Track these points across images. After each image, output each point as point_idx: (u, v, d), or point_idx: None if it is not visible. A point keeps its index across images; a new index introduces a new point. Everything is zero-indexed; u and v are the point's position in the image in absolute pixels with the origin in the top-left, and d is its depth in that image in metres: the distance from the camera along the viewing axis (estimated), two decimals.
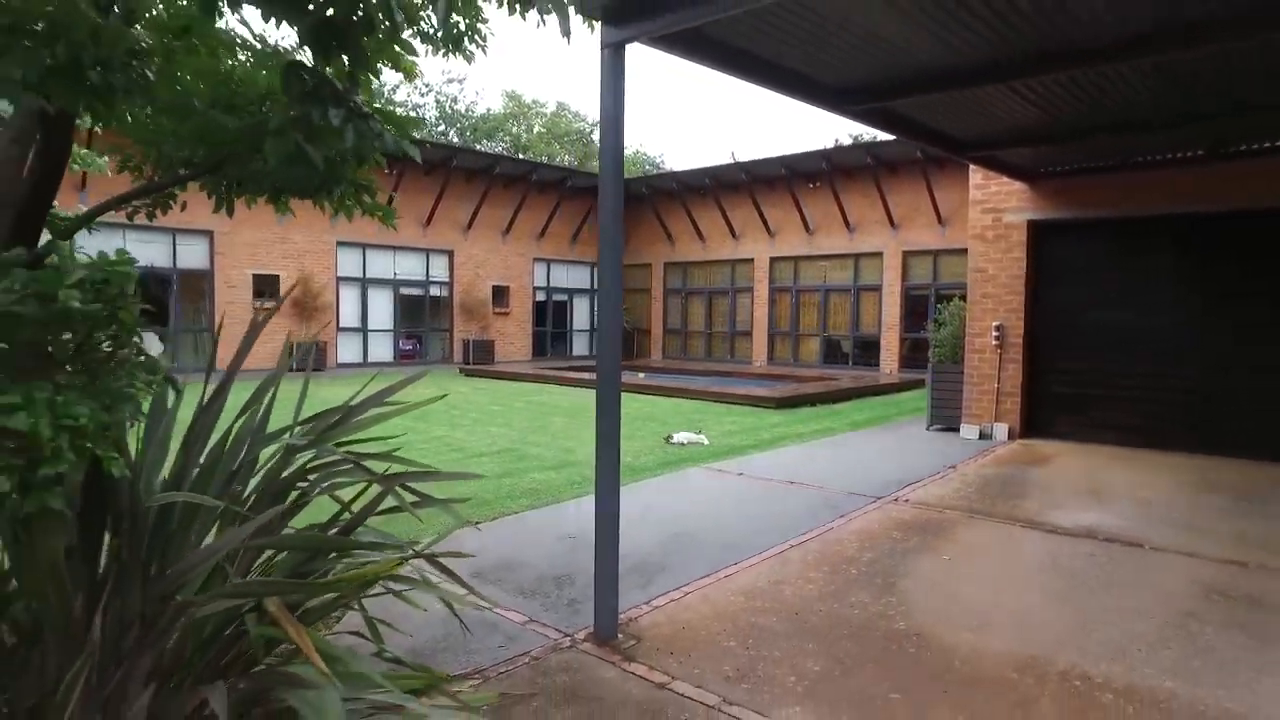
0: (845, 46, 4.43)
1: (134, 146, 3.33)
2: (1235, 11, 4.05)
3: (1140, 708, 2.93)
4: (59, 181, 3.02)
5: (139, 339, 1.77)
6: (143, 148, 3.32)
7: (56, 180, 3.00)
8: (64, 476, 1.47)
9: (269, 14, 1.66)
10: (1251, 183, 7.37)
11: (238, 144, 3.05)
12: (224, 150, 3.13)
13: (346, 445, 2.55)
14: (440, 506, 2.44)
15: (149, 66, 2.54)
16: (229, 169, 3.29)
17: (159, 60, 2.59)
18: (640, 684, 3.12)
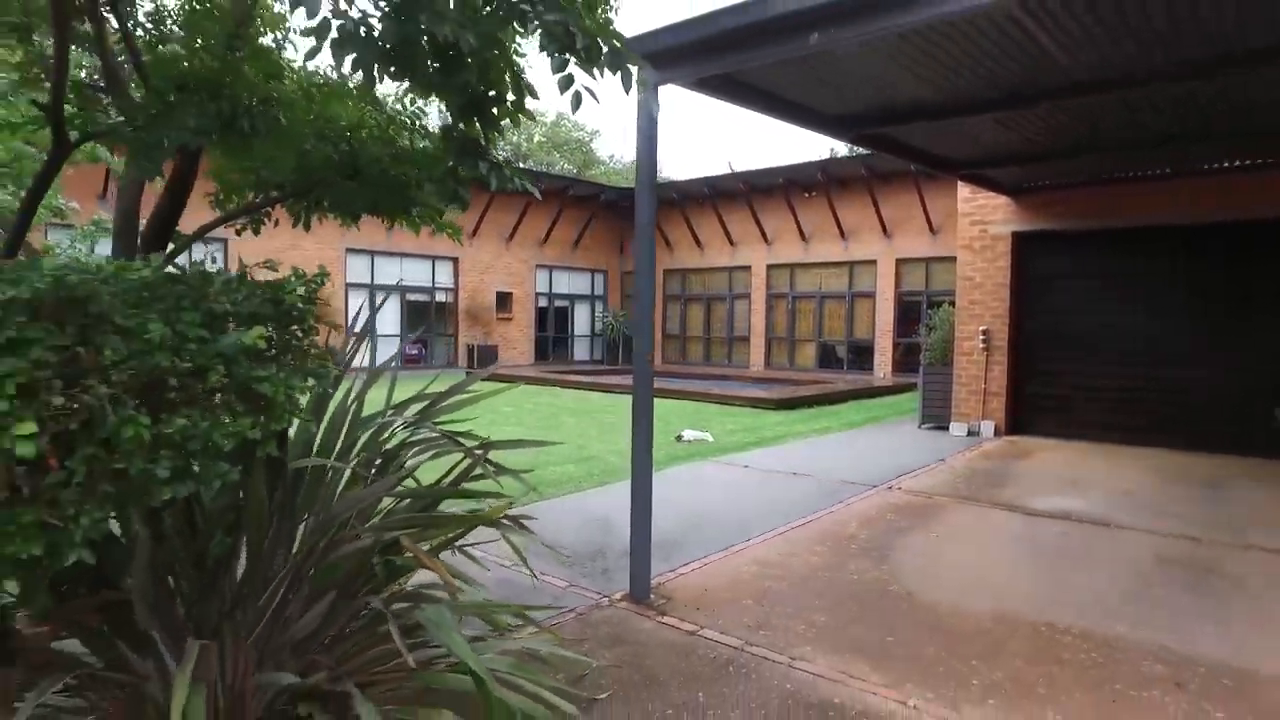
0: (853, 86, 5.02)
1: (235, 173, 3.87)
2: (1193, 59, 4.63)
3: (1094, 646, 3.49)
4: (185, 201, 3.58)
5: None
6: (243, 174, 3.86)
7: (184, 200, 3.57)
8: (285, 432, 2.01)
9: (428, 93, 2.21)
10: (1210, 198, 7.99)
11: (330, 171, 3.62)
12: (315, 176, 3.69)
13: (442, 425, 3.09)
14: (513, 475, 2.99)
15: (279, 112, 3.12)
16: (318, 192, 3.85)
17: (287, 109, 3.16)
18: (673, 632, 3.67)
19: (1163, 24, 4.11)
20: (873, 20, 3.13)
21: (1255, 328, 7.99)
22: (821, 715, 2.91)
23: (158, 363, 1.72)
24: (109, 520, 1.85)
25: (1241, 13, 3.96)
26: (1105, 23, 3.98)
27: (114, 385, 1.66)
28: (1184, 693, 3.08)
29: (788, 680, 3.19)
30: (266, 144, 3.11)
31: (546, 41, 1.92)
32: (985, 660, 3.37)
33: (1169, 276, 8.64)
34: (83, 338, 1.65)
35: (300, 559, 2.32)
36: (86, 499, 1.68)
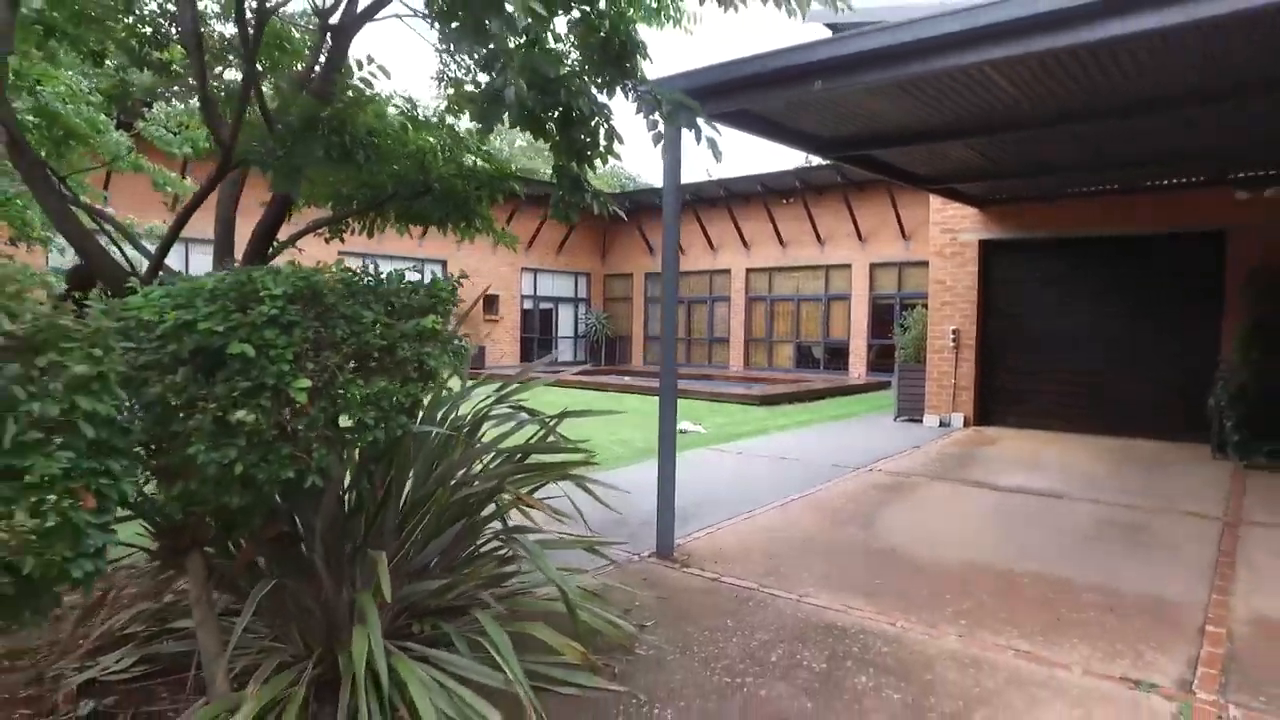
0: (845, 117, 5.76)
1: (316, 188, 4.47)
2: (1119, 104, 5.45)
3: (1045, 584, 4.26)
4: (285, 216, 4.20)
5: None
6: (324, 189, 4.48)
7: (284, 214, 4.19)
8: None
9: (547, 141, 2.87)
10: (1148, 212, 8.91)
11: (408, 188, 4.27)
12: (391, 192, 4.34)
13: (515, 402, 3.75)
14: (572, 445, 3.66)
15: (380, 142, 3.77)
16: (389, 206, 4.50)
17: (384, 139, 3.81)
18: (698, 579, 4.36)
19: (1097, 76, 4.92)
20: (867, 73, 3.85)
21: (1190, 328, 8.92)
22: (828, 633, 3.62)
23: (368, 340, 2.37)
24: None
25: (1152, 74, 4.81)
26: (1052, 74, 4.77)
27: (342, 356, 2.31)
28: (1112, 614, 3.85)
29: (798, 610, 3.90)
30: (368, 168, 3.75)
31: (641, 105, 2.61)
32: (956, 595, 4.11)
33: (1115, 282, 9.54)
34: (322, 322, 2.29)
35: (433, 498, 2.97)
36: (319, 441, 2.33)
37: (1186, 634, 3.62)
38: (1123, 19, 3.33)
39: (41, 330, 1.76)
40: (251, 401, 2.13)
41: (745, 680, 3.16)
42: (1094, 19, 3.38)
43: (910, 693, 3.05)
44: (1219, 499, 6.24)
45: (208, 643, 2.80)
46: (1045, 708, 2.94)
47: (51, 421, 1.74)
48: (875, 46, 3.83)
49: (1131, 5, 3.27)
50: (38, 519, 1.74)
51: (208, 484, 2.21)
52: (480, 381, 3.76)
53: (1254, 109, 5.46)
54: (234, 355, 2.10)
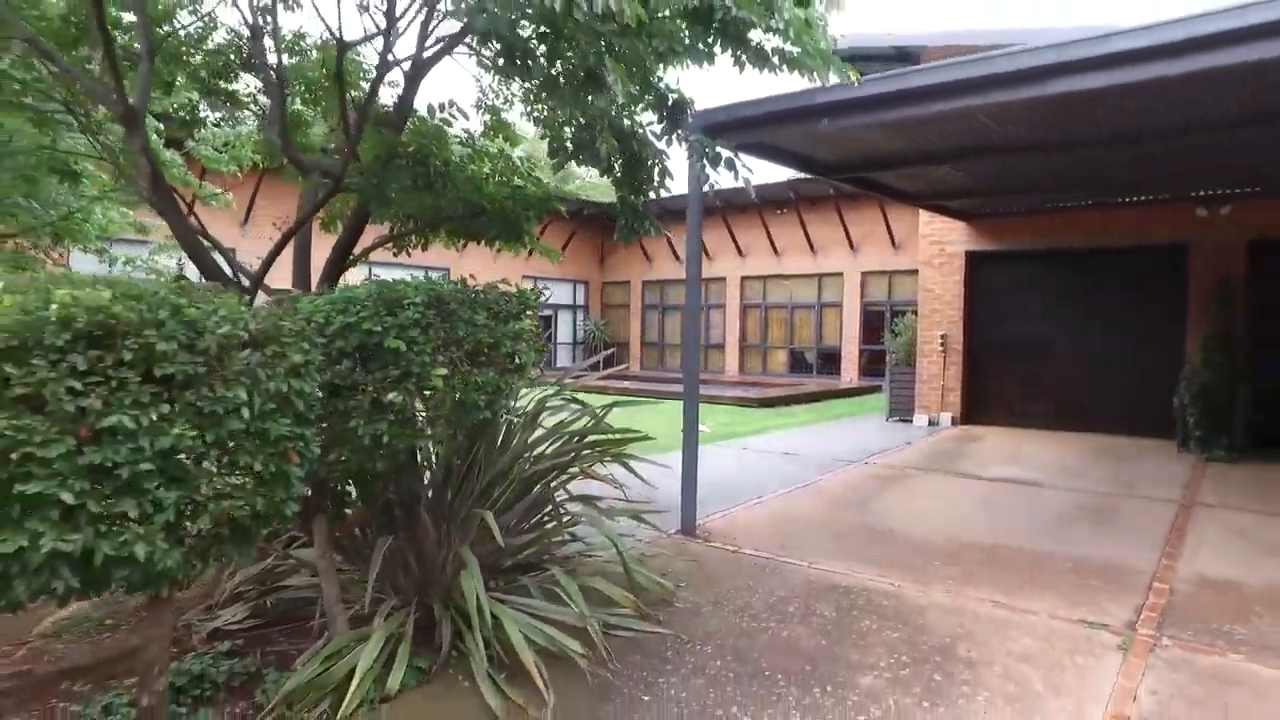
0: (845, 146, 6.44)
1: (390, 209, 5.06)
2: (1103, 134, 6.13)
3: (1022, 555, 4.91)
4: (359, 236, 4.80)
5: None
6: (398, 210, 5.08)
7: (358, 235, 4.79)
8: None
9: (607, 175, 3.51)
10: (1120, 226, 9.65)
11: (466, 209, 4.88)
12: (446, 213, 4.95)
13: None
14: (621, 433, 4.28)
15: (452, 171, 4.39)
16: (446, 224, 5.11)
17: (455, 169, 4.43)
18: (720, 551, 4.99)
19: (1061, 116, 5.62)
20: (868, 114, 4.51)
21: (1157, 333, 9.64)
22: (835, 591, 4.25)
23: (480, 339, 2.99)
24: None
25: (1108, 115, 5.52)
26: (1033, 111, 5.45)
27: (463, 351, 2.93)
28: (1076, 576, 4.51)
29: (808, 574, 4.53)
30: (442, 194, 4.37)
31: (690, 152, 3.25)
32: (945, 564, 4.76)
33: (1092, 291, 10.26)
34: (448, 324, 2.92)
35: (512, 470, 3.59)
36: (437, 421, 2.94)
37: (1137, 590, 4.27)
38: (1074, 77, 4.01)
39: (270, 329, 2.38)
40: (400, 386, 2.75)
41: (769, 625, 3.79)
42: (1046, 78, 4.07)
43: (906, 631, 3.69)
44: (1178, 486, 6.93)
45: (330, 591, 3.41)
46: (1014, 641, 3.58)
47: (279, 396, 2.36)
48: (873, 93, 4.50)
49: (1080, 67, 3.94)
50: (264, 469, 2.36)
51: (359, 452, 2.82)
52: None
53: (1200, 142, 6.16)
54: (387, 349, 2.72)
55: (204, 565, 2.36)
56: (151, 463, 2.06)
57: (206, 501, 2.22)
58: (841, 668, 3.34)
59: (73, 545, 1.94)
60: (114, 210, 8.03)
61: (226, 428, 2.21)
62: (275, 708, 2.94)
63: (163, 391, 2.10)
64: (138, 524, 2.07)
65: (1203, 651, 3.49)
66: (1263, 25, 3.69)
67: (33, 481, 1.88)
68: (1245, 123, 5.40)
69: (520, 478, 3.75)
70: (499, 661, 3.17)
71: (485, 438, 3.53)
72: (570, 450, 3.85)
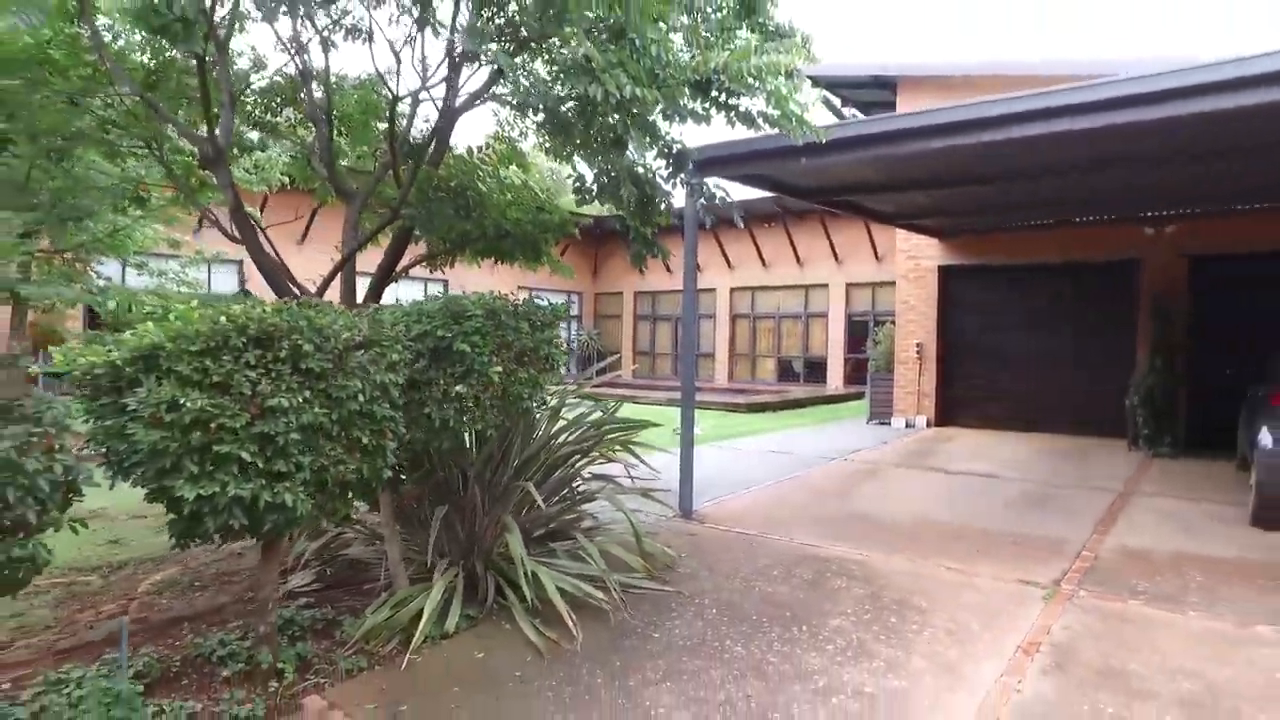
0: (826, 176, 7.23)
1: None
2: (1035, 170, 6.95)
3: (975, 533, 5.67)
4: (400, 257, 5.51)
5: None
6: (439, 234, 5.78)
7: (399, 257, 5.50)
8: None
9: (620, 209, 4.25)
10: (1076, 243, 10.50)
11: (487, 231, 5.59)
12: (473, 235, 5.66)
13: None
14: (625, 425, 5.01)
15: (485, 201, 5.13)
16: (473, 245, 5.83)
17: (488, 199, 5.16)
18: (714, 530, 5.72)
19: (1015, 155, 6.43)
20: (842, 153, 5.28)
21: (1108, 341, 10.49)
22: (813, 559, 4.99)
23: (525, 343, 3.72)
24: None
25: (1056, 152, 6.33)
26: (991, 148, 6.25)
27: (513, 353, 3.66)
28: (1018, 548, 5.27)
29: (790, 547, 5.27)
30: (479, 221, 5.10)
31: (689, 192, 4.00)
32: (908, 540, 5.51)
33: (1055, 302, 11.11)
34: (500, 331, 3.64)
35: (541, 453, 4.31)
36: (490, 411, 3.67)
37: (1067, 557, 5.04)
38: (1022, 125, 4.81)
39: (374, 334, 3.10)
40: (465, 380, 3.47)
41: (757, 584, 4.53)
42: (1000, 125, 4.86)
43: (871, 589, 4.44)
44: (1121, 478, 7.74)
45: (393, 552, 4.12)
46: (960, 595, 4.34)
47: (380, 386, 3.08)
48: (846, 135, 5.28)
49: (1025, 118, 4.74)
50: (369, 442, 3.07)
51: (430, 433, 3.54)
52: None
53: (1140, 171, 7.00)
54: (456, 350, 3.44)
55: (322, 516, 3.07)
56: (297, 434, 2.77)
57: (330, 465, 2.93)
58: (815, 614, 4.07)
59: (245, 492, 2.65)
60: (149, 228, 8.72)
61: (346, 409, 2.93)
62: (356, 642, 3.64)
63: (305, 381, 2.82)
64: (286, 480, 2.78)
65: (1109, 600, 4.25)
66: (1172, 89, 4.47)
67: (223, 444, 2.59)
68: (1168, 160, 6.24)
69: (548, 460, 4.47)
70: (534, 610, 3.87)
71: (520, 426, 4.25)
72: (589, 438, 4.58)
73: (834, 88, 13.06)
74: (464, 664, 3.50)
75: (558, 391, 4.98)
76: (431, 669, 3.45)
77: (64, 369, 2.69)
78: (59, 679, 3.00)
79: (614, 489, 4.57)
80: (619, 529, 4.87)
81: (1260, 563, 4.92)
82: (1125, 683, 3.28)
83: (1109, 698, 3.14)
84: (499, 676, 3.37)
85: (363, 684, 3.31)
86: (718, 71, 3.43)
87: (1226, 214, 9.28)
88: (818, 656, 3.56)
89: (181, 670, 3.38)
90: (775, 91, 3.54)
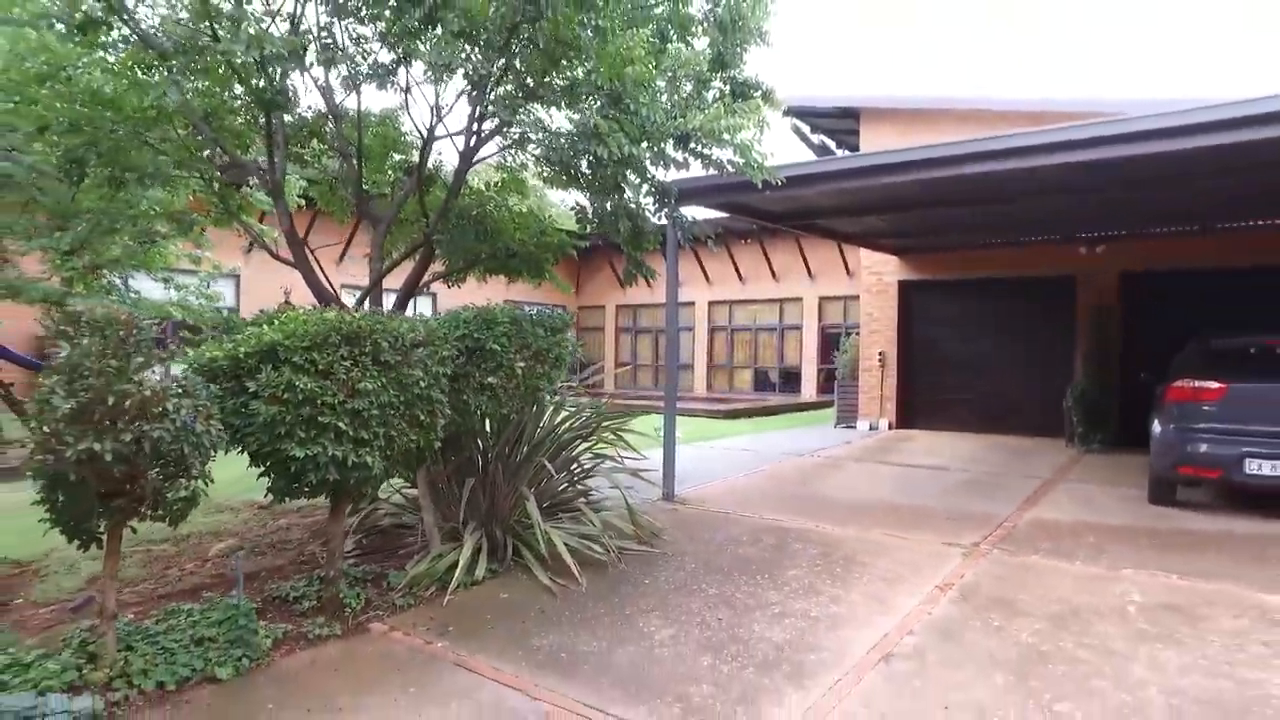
0: (791, 203, 8.23)
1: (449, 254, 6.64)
2: (982, 196, 7.99)
3: (916, 510, 6.63)
4: (424, 273, 6.37)
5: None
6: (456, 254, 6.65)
7: (424, 273, 6.36)
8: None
9: (616, 237, 5.17)
10: (1023, 260, 11.62)
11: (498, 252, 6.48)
12: (484, 255, 6.54)
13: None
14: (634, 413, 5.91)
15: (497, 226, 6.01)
16: (485, 264, 6.71)
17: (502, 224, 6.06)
18: (693, 510, 6.62)
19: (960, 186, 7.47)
20: (804, 187, 6.25)
21: (1052, 349, 11.58)
22: (777, 529, 5.91)
23: (540, 345, 4.62)
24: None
25: (1002, 185, 7.38)
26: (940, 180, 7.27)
27: (531, 353, 4.55)
28: (951, 521, 6.23)
29: (758, 520, 6.18)
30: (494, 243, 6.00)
31: (672, 224, 4.93)
32: (859, 515, 6.45)
33: (1004, 314, 12.20)
34: (521, 335, 4.53)
35: (548, 437, 5.20)
36: (514, 398, 4.55)
37: (990, 526, 6.01)
38: (976, 164, 5.83)
39: (430, 336, 3.98)
40: (496, 373, 4.36)
41: (727, 547, 5.43)
42: (961, 162, 5.87)
43: (823, 549, 5.36)
44: (1054, 469, 8.76)
45: (428, 518, 4.97)
46: (896, 554, 5.27)
47: (434, 376, 3.96)
48: (805, 173, 6.26)
49: (978, 157, 5.77)
50: (425, 420, 3.95)
51: (466, 416, 4.42)
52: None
53: (1077, 199, 8.07)
54: (488, 349, 4.33)
55: (387, 476, 3.93)
56: (376, 410, 3.64)
57: (398, 436, 3.80)
58: (776, 567, 4.98)
59: (339, 453, 3.52)
60: (174, 245, 9.49)
61: (411, 393, 3.81)
62: (403, 588, 4.48)
63: (382, 370, 3.69)
64: (367, 446, 3.64)
65: (1014, 555, 5.21)
66: (1097, 137, 5.53)
67: (325, 416, 3.46)
68: (1099, 189, 7.32)
69: (554, 443, 5.35)
70: (546, 564, 4.74)
71: (532, 413, 5.13)
72: (589, 424, 5.47)
73: (804, 116, 14.13)
74: (492, 602, 4.36)
75: (560, 388, 5.86)
76: (466, 605, 4.30)
77: (194, 361, 3.55)
78: (175, 608, 3.83)
79: (611, 467, 5.46)
80: (614, 506, 5.75)
81: (1145, 528, 5.92)
82: (1011, 607, 4.22)
83: (997, 616, 4.08)
84: (522, 609, 4.24)
85: (413, 615, 4.16)
86: (696, 130, 4.37)
87: (1152, 235, 10.41)
88: (776, 593, 4.46)
89: (264, 608, 4.20)
90: (741, 145, 4.48)
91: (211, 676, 3.36)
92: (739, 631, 3.91)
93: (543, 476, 5.29)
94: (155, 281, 9.99)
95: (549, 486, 5.32)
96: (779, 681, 3.35)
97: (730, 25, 5.20)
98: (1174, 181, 7.09)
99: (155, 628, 3.64)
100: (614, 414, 5.77)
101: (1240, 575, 4.71)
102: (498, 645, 3.75)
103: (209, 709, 3.14)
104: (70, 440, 2.85)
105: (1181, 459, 6.26)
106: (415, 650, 3.72)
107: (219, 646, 3.50)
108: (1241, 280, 9.83)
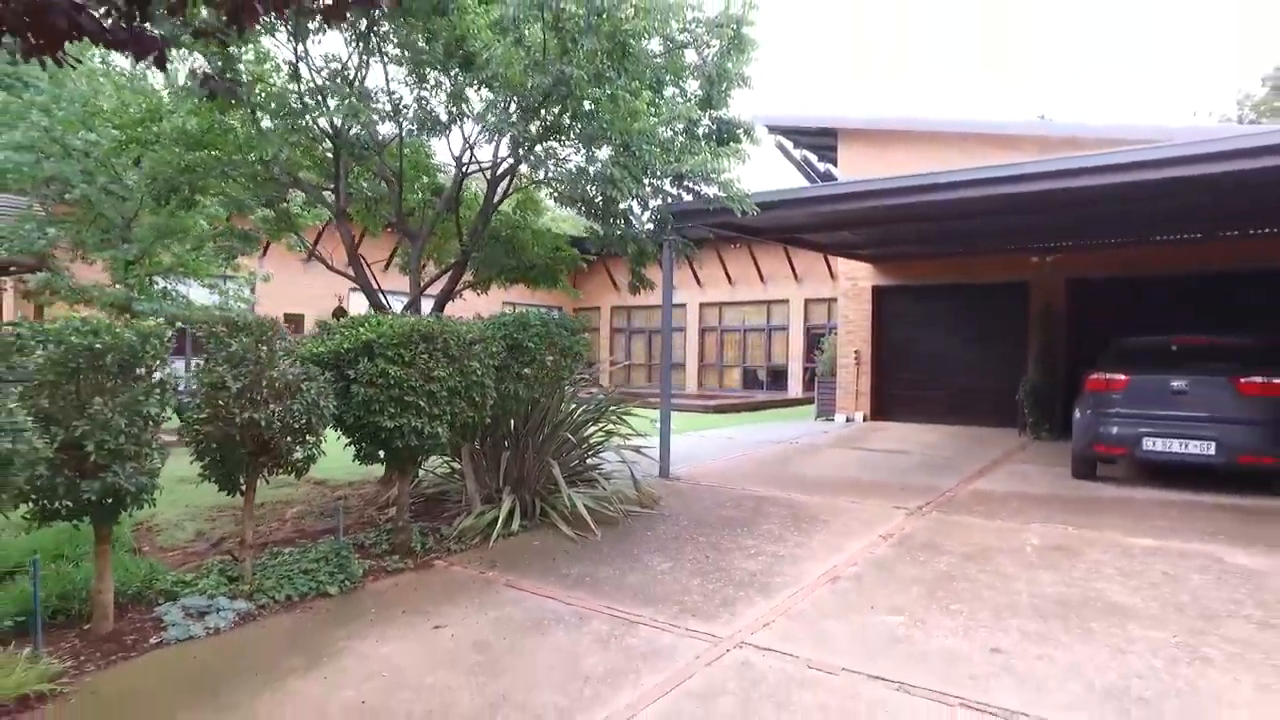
0: (772, 221, 9.38)
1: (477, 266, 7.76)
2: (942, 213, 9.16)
3: (876, 484, 7.80)
4: (458, 282, 7.49)
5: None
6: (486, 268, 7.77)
7: (457, 281, 7.48)
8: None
9: (622, 254, 6.28)
10: (982, 267, 12.83)
11: (522, 265, 7.62)
12: (507, 266, 7.67)
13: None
14: (622, 405, 7.05)
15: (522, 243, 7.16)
16: (508, 274, 7.84)
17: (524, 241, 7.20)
18: (685, 484, 7.77)
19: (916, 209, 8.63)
20: (783, 210, 7.40)
21: (1010, 348, 12.79)
22: (754, 498, 7.05)
23: (564, 343, 5.75)
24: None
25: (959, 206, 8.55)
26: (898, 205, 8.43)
27: (559, 350, 5.68)
28: (903, 492, 7.39)
29: (740, 491, 7.33)
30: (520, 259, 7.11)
31: (667, 246, 6.07)
32: (826, 488, 7.60)
33: (967, 317, 13.41)
34: (550, 335, 5.66)
35: (564, 419, 6.33)
36: (543, 385, 5.68)
37: (933, 495, 7.18)
38: (951, 190, 6.98)
39: (483, 335, 5.09)
40: (530, 365, 5.48)
41: (716, 510, 6.57)
42: (936, 189, 7.03)
43: (792, 511, 6.51)
44: (1004, 452, 9.96)
45: (470, 485, 6.09)
46: (852, 514, 6.43)
47: (487, 366, 5.08)
48: (783, 199, 7.41)
49: (950, 186, 6.92)
50: (478, 400, 5.07)
51: (507, 400, 5.54)
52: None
53: (1028, 216, 9.25)
54: (525, 346, 5.45)
55: (449, 444, 5.04)
56: (445, 392, 4.75)
57: (459, 413, 4.92)
58: (753, 524, 6.13)
59: (419, 424, 4.63)
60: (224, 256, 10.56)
61: (470, 379, 4.93)
62: (453, 538, 5.58)
63: (449, 362, 4.81)
64: (438, 420, 4.76)
65: (950, 515, 6.38)
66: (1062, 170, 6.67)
67: (409, 396, 4.57)
68: (1047, 210, 8.51)
69: (571, 424, 6.48)
70: (568, 520, 5.85)
71: (554, 399, 6.26)
72: (600, 407, 6.60)
73: (787, 134, 15.30)
74: (527, 548, 5.48)
75: (577, 379, 6.99)
76: (506, 550, 5.42)
77: (306, 354, 4.66)
78: (277, 551, 4.93)
79: (618, 444, 6.59)
80: (620, 478, 6.88)
81: (1063, 497, 7.11)
82: (937, 548, 5.38)
83: (924, 554, 5.24)
84: (551, 551, 5.36)
85: (465, 556, 5.27)
86: (689, 170, 5.52)
87: (1095, 247, 11.64)
88: (752, 540, 5.61)
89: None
90: (725, 183, 5.63)
91: (324, 593, 4.47)
92: (722, 564, 5.05)
93: (563, 450, 6.41)
94: (203, 287, 11.12)
95: (567, 460, 6.44)
96: (751, 594, 4.49)
97: (717, 78, 6.34)
98: (1113, 203, 8.29)
99: (270, 561, 4.75)
100: (619, 399, 6.89)
101: (1120, 527, 5.90)
102: (536, 574, 4.87)
103: (328, 612, 4.25)
104: (236, 411, 3.96)
105: (1096, 439, 7.45)
106: (472, 578, 4.84)
107: (325, 572, 4.61)
108: (1172, 286, 11.07)
